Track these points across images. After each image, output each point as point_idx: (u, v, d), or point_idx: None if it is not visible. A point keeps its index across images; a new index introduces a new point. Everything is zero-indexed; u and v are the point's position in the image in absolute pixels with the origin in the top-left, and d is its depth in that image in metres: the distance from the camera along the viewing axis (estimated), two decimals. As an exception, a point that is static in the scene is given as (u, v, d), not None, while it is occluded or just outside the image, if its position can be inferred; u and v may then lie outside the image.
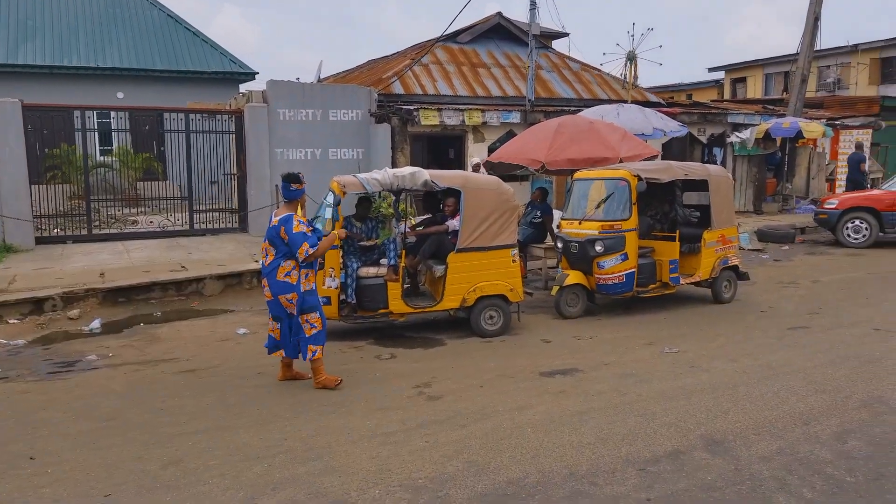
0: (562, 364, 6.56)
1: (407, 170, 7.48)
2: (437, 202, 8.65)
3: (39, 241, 11.97)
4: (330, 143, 13.73)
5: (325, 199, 7.43)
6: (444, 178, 7.65)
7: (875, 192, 14.35)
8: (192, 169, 13.10)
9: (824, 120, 18.47)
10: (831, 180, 18.98)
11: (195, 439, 4.89)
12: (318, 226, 6.69)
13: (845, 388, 5.69)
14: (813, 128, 16.50)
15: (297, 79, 15.04)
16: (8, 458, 4.59)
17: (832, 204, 14.08)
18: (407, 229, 7.96)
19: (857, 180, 16.48)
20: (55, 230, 12.50)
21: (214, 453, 4.65)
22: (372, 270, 7.53)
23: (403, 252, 7.60)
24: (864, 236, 13.57)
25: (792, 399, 5.44)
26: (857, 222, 13.64)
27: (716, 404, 5.36)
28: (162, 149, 15.08)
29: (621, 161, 9.62)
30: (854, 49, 29.08)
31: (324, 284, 7.06)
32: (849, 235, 13.72)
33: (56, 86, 19.19)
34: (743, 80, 35.16)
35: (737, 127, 17.89)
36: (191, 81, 21.30)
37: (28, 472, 4.40)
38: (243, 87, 21.58)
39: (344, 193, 7.21)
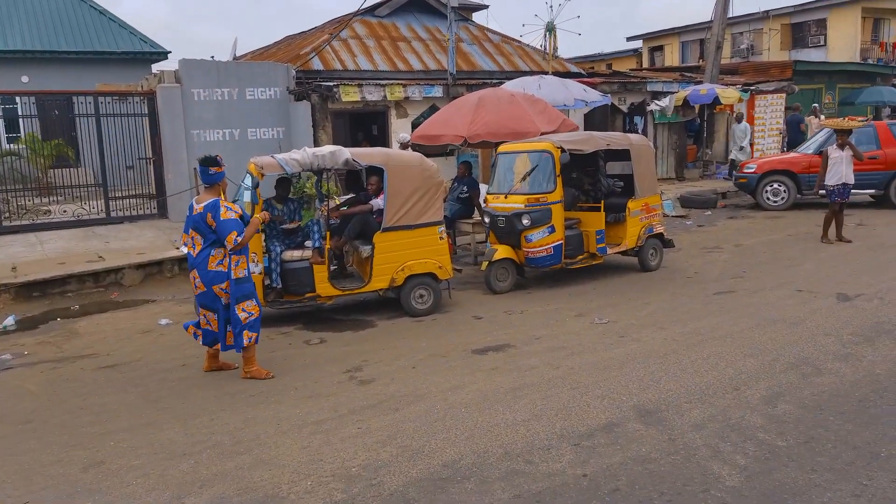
0: (494, 340, 6.50)
1: (327, 149, 7.21)
2: (361, 181, 8.41)
3: (-60, 236, 11.10)
4: (248, 123, 13.19)
5: (242, 181, 7.10)
6: (366, 156, 7.43)
7: (791, 155, 14.86)
8: (105, 154, 12.37)
9: (740, 86, 18.99)
10: (749, 144, 19.57)
11: (117, 438, 4.63)
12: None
13: (772, 350, 5.81)
14: (729, 94, 16.95)
15: (212, 57, 14.39)
16: None
17: (751, 168, 14.52)
18: (329, 210, 7.70)
19: (797, 140, 17.17)
20: (-42, 224, 11.61)
21: (138, 452, 4.40)
22: (297, 254, 7.27)
23: (328, 233, 7.35)
24: (782, 199, 14.06)
25: (721, 364, 5.53)
26: (775, 185, 14.11)
27: (647, 373, 5.40)
28: (73, 134, 14.16)
29: (543, 134, 9.58)
30: (766, 15, 29.97)
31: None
32: (768, 198, 14.19)
33: (-48, 70, 17.81)
34: (661, 48, 35.87)
35: (656, 95, 18.20)
36: (100, 63, 20.11)
37: (-78, 492, 4.04)
38: (156, 68, 20.52)
39: (262, 175, 6.90)
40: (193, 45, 79.89)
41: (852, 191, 10.49)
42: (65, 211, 12.52)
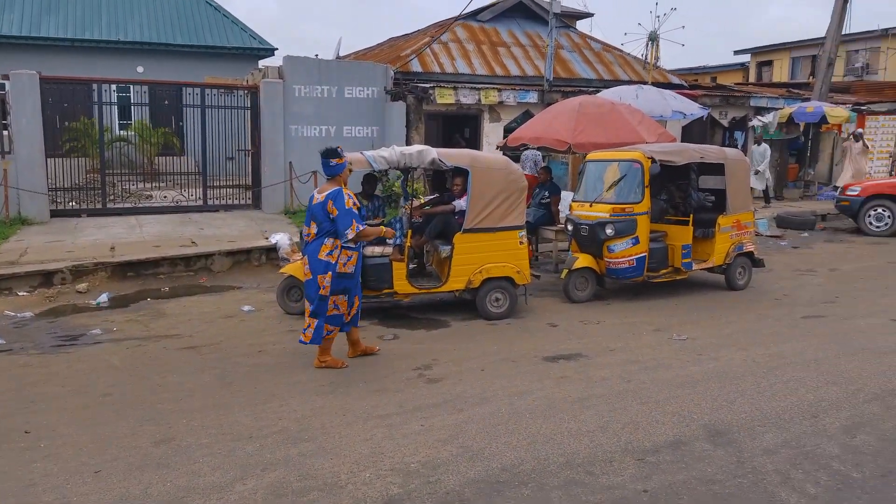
0: (566, 349, 6.45)
1: (414, 148, 7.35)
2: (446, 182, 8.52)
3: (54, 213, 12.02)
4: (344, 121, 13.62)
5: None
6: (452, 156, 7.51)
7: (898, 179, 13.95)
8: (206, 144, 13.06)
9: (850, 105, 17.97)
10: (856, 167, 18.48)
11: (189, 417, 4.86)
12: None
13: (857, 380, 5.52)
14: (837, 113, 16.07)
15: (317, 55, 14.90)
16: (3, 432, 4.59)
17: (854, 191, 13.73)
18: (412, 209, 7.84)
19: None
20: (70, 203, 12.55)
21: (208, 431, 4.61)
22: (377, 249, 7.43)
23: (409, 232, 7.50)
24: (886, 224, 13.24)
25: (801, 390, 5.29)
26: (879, 210, 13.30)
27: (722, 394, 5.23)
28: (180, 124, 15.05)
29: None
30: (884, 34, 28.20)
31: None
32: (870, 223, 13.38)
33: (77, 59, 19.18)
34: (769, 63, 34.34)
35: (760, 110, 17.47)
36: (210, 56, 21.21)
37: (21, 446, 4.40)
38: (262, 63, 21.45)
39: (350, 171, 7.09)
40: (301, 43, 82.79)
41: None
42: (165, 196, 13.31)
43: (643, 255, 8.23)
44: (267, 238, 10.27)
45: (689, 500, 3.70)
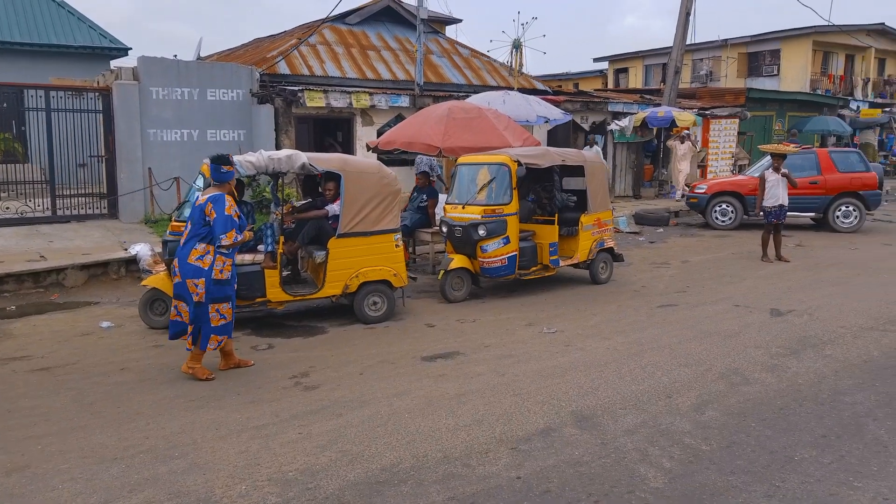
0: (444, 348, 6.57)
1: (283, 152, 7.22)
2: (318, 186, 8.43)
3: None
4: (208, 124, 13.11)
5: (194, 182, 7.06)
6: (323, 161, 7.45)
7: (740, 177, 15.34)
8: (53, 150, 12.12)
9: (696, 110, 19.53)
10: (703, 166, 20.11)
11: (45, 442, 4.52)
12: (186, 211, 6.34)
13: (706, 361, 6.03)
14: (685, 117, 17.43)
15: (175, 56, 14.22)
16: None
17: (702, 189, 14.97)
18: (284, 214, 7.69)
19: None
20: None
21: (67, 456, 4.31)
22: (248, 257, 7.24)
23: (281, 238, 7.35)
24: (730, 219, 14.51)
25: (657, 374, 5.70)
26: (723, 206, 14.56)
27: (587, 381, 5.53)
28: (23, 129, 13.85)
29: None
30: (724, 44, 30.91)
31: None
32: (717, 218, 14.62)
33: None
34: (626, 70, 36.65)
35: (617, 115, 18.60)
36: (56, 56, 19.69)
37: None
38: (115, 64, 20.19)
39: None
40: (158, 44, 78.72)
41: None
42: (7, 208, 12.19)
43: (514, 253, 8.55)
44: (126, 249, 9.70)
45: (559, 483, 3.90)
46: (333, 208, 7.72)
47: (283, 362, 6.23)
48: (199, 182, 6.88)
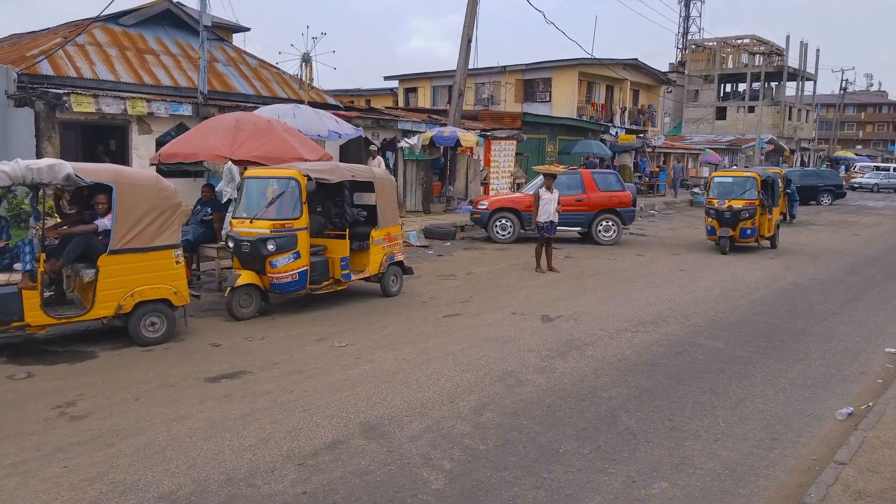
0: (230, 367, 6.37)
1: (44, 161, 6.56)
2: (89, 199, 7.76)
3: None
4: (-50, 127, 11.47)
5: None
6: (92, 171, 6.88)
7: (517, 195, 16.62)
8: None
9: (478, 131, 20.84)
10: (485, 184, 21.49)
11: None
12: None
13: (485, 366, 6.48)
14: (468, 137, 18.52)
15: None
16: None
17: (484, 205, 16.01)
18: (46, 229, 6.99)
19: None
20: None
21: None
22: (2, 277, 6.47)
23: (43, 255, 6.65)
24: (509, 233, 15.66)
25: (441, 380, 6.03)
26: (503, 221, 15.69)
27: (376, 392, 5.69)
28: None
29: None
30: (503, 70, 33.36)
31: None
32: (497, 232, 15.71)
33: None
34: (415, 90, 38.06)
35: (406, 133, 19.25)
36: None
37: None
38: None
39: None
40: None
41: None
42: None
43: (305, 268, 8.51)
44: None
45: (345, 494, 3.99)
46: (104, 223, 7.16)
47: (46, 391, 5.65)
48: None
